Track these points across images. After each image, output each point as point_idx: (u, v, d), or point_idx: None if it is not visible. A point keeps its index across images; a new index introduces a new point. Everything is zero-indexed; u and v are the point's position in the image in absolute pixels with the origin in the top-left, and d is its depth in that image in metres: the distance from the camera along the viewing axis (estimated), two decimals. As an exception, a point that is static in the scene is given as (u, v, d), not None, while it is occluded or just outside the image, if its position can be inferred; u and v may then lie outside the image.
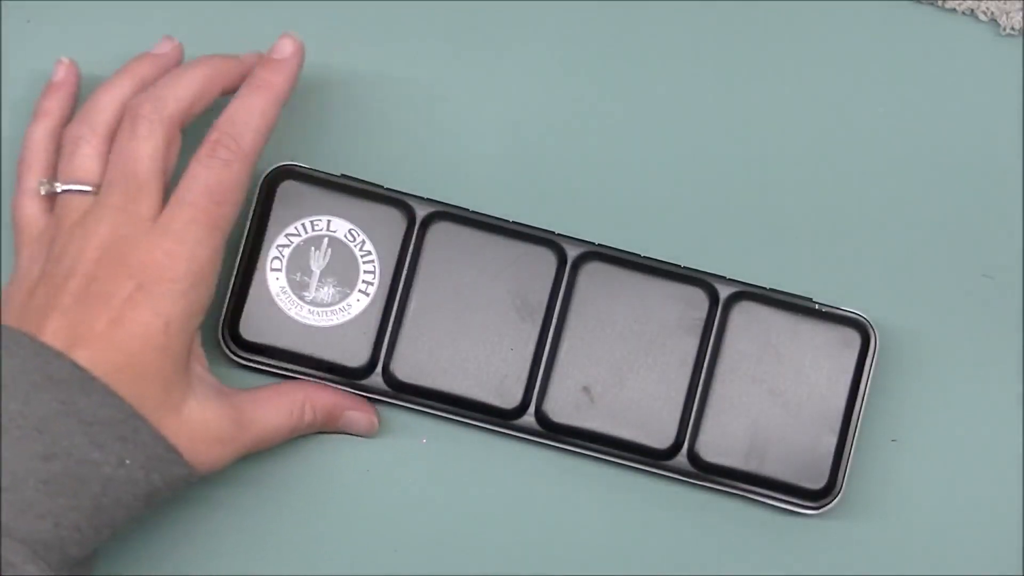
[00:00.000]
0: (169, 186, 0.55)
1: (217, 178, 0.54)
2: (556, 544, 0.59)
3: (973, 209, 0.61)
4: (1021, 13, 0.62)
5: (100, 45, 0.61)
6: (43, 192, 0.56)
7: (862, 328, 0.58)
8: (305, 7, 0.62)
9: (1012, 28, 0.62)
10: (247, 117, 0.55)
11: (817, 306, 0.58)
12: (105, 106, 0.56)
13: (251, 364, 0.58)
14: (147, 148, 0.54)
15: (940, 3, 0.63)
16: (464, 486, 0.59)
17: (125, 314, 0.52)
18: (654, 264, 0.58)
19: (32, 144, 0.57)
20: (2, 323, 0.53)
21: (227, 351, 0.58)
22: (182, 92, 0.55)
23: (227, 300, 0.58)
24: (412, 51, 0.62)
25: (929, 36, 0.62)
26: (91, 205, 0.54)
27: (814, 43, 0.62)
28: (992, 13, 0.62)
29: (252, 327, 0.58)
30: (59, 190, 0.55)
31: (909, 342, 0.60)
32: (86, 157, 0.55)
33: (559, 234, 0.59)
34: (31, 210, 0.56)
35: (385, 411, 0.59)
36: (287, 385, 0.57)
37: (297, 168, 0.59)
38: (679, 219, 0.61)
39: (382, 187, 0.59)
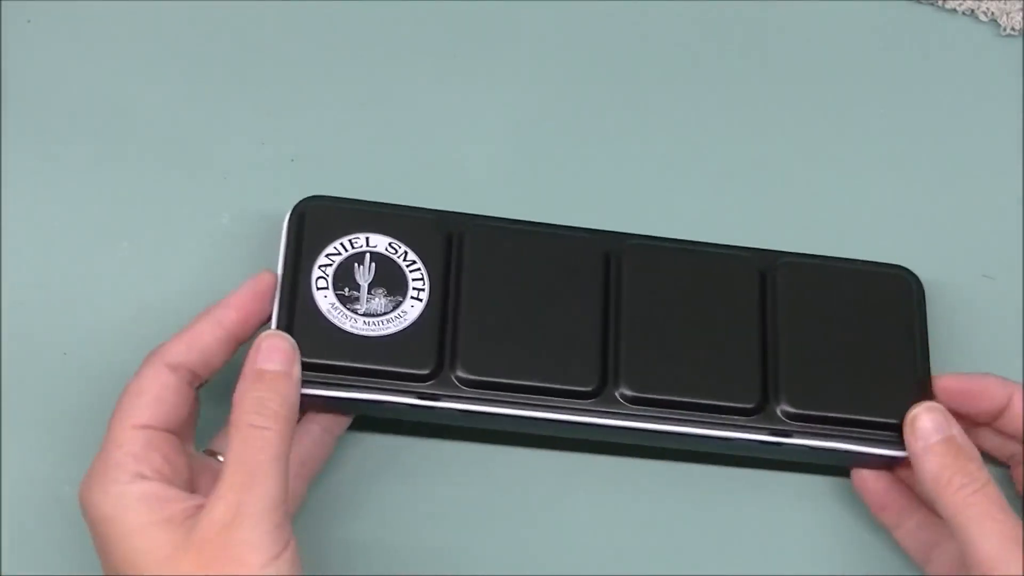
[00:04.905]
0: None
1: None
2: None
3: (973, 209, 0.61)
4: (1021, 13, 0.62)
5: (100, 45, 0.62)
6: None
7: (905, 277, 0.58)
8: (299, 14, 0.62)
9: (1012, 28, 0.62)
10: None
11: (859, 265, 0.58)
12: None
13: (316, 383, 0.54)
14: None
15: (940, 3, 0.63)
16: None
17: None
18: (695, 246, 0.58)
19: None
20: None
21: None
22: None
23: (275, 327, 0.54)
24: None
25: (929, 36, 0.62)
26: None
27: (814, 43, 0.62)
28: (992, 13, 0.62)
29: (308, 346, 0.54)
30: None
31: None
32: None
33: (596, 230, 0.58)
34: None
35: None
36: None
37: (324, 197, 0.57)
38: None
39: (411, 207, 0.57)
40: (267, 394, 0.51)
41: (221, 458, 0.54)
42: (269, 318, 0.54)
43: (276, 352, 0.52)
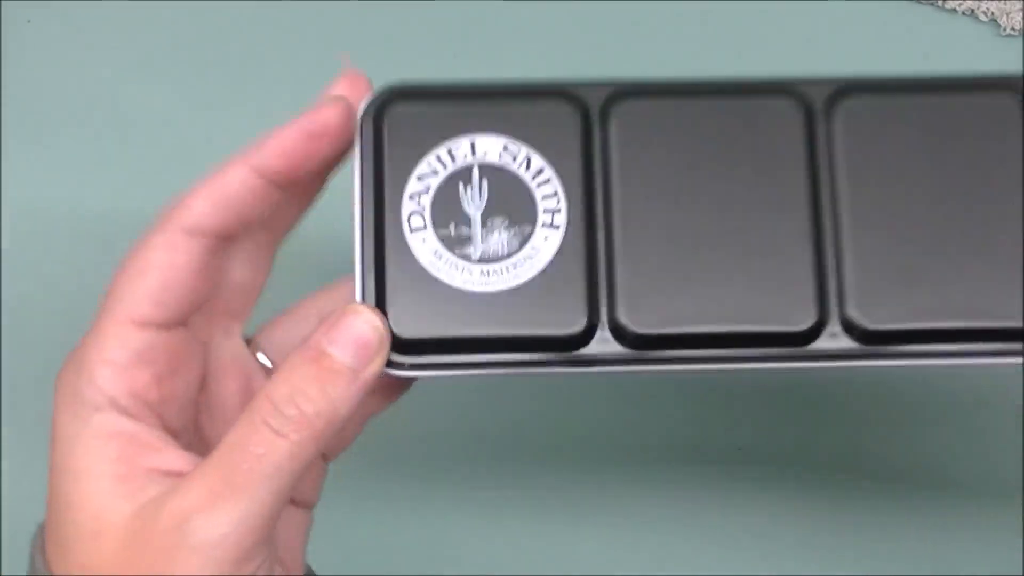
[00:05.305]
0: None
1: None
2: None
3: (973, 209, 0.61)
4: (1021, 13, 0.62)
5: (100, 45, 0.61)
6: None
7: None
8: (299, 14, 0.62)
9: (1012, 28, 0.62)
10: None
11: None
12: None
13: (427, 370, 0.40)
14: None
15: (940, 3, 0.63)
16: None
17: None
18: (921, 81, 0.42)
19: None
20: None
21: (387, 369, 0.39)
22: None
23: (360, 297, 0.40)
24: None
25: (929, 36, 0.62)
26: None
27: (814, 43, 0.62)
28: (992, 13, 0.62)
29: (410, 320, 0.40)
30: None
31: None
32: None
33: (787, 78, 0.42)
34: None
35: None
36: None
37: (408, 87, 0.42)
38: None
39: (527, 82, 0.42)
40: (308, 388, 0.37)
41: (262, 357, 0.43)
42: (329, 160, 0.41)
43: (351, 340, 0.38)
